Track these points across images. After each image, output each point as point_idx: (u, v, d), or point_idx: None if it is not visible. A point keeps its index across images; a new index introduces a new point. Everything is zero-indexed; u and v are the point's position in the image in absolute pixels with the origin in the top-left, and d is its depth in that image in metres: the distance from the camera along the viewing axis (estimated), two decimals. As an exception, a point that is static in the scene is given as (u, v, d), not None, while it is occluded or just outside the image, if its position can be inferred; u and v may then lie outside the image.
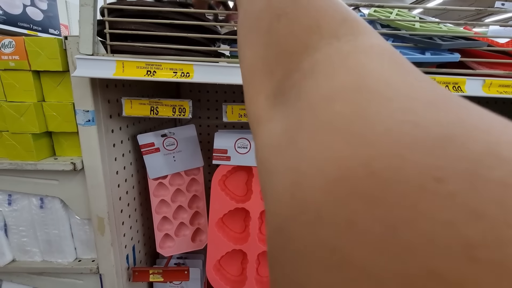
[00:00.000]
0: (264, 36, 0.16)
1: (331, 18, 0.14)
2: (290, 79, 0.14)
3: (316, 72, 0.13)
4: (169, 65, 0.44)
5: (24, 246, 0.59)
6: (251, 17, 0.18)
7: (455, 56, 0.43)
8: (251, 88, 0.17)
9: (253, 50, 0.17)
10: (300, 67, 0.14)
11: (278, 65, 0.15)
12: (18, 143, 0.51)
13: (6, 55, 0.47)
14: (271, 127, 0.14)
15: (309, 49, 0.14)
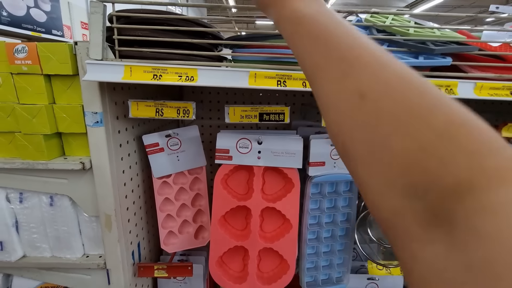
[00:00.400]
0: (400, 161, 0.17)
1: (490, 156, 0.15)
2: (445, 205, 0.15)
3: (492, 214, 0.14)
4: (174, 69, 0.46)
5: (34, 242, 0.61)
6: (367, 133, 0.18)
7: (447, 60, 0.45)
8: (388, 202, 0.18)
9: (385, 169, 0.18)
10: (461, 199, 0.15)
11: (426, 190, 0.16)
12: (30, 144, 0.53)
13: (19, 60, 0.50)
14: (437, 251, 0.15)
15: (474, 187, 0.14)
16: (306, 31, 0.25)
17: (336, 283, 0.73)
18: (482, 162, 0.15)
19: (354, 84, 0.19)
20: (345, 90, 0.20)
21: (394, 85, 0.18)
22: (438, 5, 6.83)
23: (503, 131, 0.58)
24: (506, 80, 0.47)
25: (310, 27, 0.25)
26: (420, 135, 0.16)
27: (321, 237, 0.71)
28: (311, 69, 0.24)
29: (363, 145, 0.19)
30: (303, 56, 0.25)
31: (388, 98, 0.18)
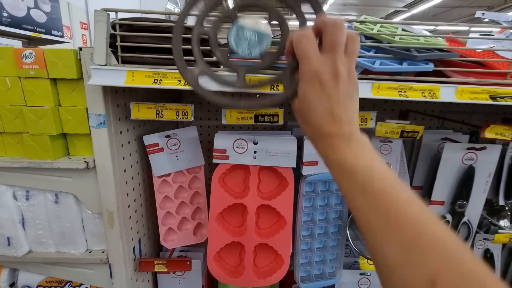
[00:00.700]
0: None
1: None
2: None
3: None
4: (174, 74, 0.49)
5: (39, 238, 0.64)
6: (391, 263, 0.19)
7: (429, 66, 0.48)
8: None
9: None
10: None
11: None
12: (37, 144, 0.56)
13: (27, 65, 0.52)
14: None
15: None
16: (361, 187, 0.26)
17: (329, 278, 0.76)
18: None
19: (423, 269, 0.19)
20: (410, 273, 0.20)
21: (469, 279, 0.18)
22: (436, 5, 6.87)
23: (486, 132, 0.61)
24: (485, 85, 0.50)
25: (365, 184, 0.26)
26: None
27: (315, 234, 0.74)
28: (366, 226, 0.25)
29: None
30: (355, 208, 0.26)
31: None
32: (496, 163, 0.71)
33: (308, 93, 0.30)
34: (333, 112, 0.30)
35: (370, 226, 0.25)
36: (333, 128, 0.30)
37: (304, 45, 0.30)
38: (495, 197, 0.79)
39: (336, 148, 0.29)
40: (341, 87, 0.30)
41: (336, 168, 0.29)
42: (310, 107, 0.31)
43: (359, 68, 0.50)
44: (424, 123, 1.01)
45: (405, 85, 0.49)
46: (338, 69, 0.29)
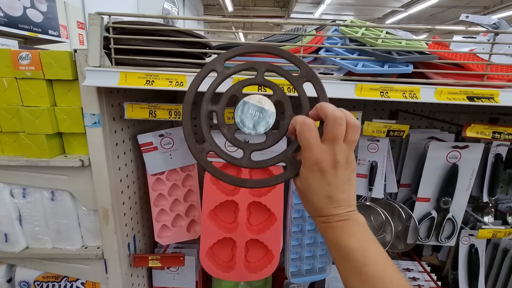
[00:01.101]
0: None
1: None
2: None
3: None
4: (165, 76, 0.51)
5: (36, 234, 0.66)
6: None
7: (408, 68, 0.50)
8: None
9: None
10: None
11: None
12: (33, 143, 0.58)
13: (23, 66, 0.54)
14: None
15: None
16: (355, 269, 0.29)
17: (319, 273, 0.79)
18: None
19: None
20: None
21: None
22: (433, 5, 6.91)
23: (467, 131, 0.64)
24: (462, 86, 0.52)
25: (359, 268, 0.29)
26: None
27: (305, 230, 0.76)
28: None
29: None
30: (348, 286, 0.29)
31: None
32: (478, 161, 0.73)
33: (309, 178, 0.33)
34: (332, 197, 0.33)
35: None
36: (332, 210, 0.33)
37: (306, 135, 0.32)
38: (480, 194, 0.82)
39: (334, 228, 0.32)
40: (340, 174, 0.32)
41: (333, 247, 0.32)
42: (310, 190, 0.33)
43: (342, 70, 0.52)
44: (413, 122, 1.03)
45: (386, 86, 0.51)
46: (338, 158, 0.32)
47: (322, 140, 0.32)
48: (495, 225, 0.80)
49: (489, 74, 0.53)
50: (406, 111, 0.98)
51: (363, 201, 0.77)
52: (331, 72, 0.55)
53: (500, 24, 0.68)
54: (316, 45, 0.54)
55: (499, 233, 0.77)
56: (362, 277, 0.29)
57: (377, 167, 0.74)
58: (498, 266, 0.90)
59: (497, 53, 0.54)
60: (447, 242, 0.81)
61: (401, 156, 0.85)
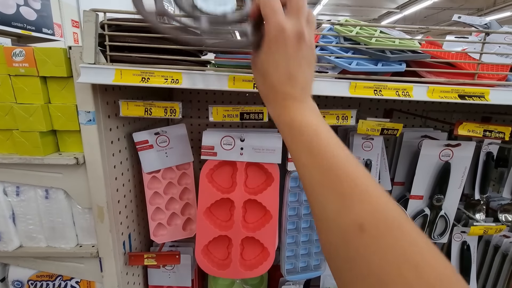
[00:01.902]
0: (347, 246, 0.21)
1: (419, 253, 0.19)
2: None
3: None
4: (161, 73, 0.51)
5: (30, 233, 0.66)
6: (362, 266, 0.21)
7: (401, 67, 0.51)
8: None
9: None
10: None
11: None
12: (27, 140, 0.57)
13: (17, 63, 0.54)
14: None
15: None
16: (307, 145, 0.29)
17: (314, 270, 0.79)
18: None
19: (354, 216, 0.22)
20: (345, 219, 0.23)
21: (392, 225, 0.21)
22: (427, 7, 6.99)
23: (459, 129, 0.65)
24: (454, 84, 0.53)
25: (311, 142, 0.29)
26: (414, 284, 0.19)
27: (300, 228, 0.76)
28: (309, 181, 0.27)
29: (356, 274, 0.21)
30: (300, 165, 0.29)
31: (386, 238, 0.21)
32: (470, 159, 0.75)
33: (271, 48, 0.32)
34: (291, 72, 0.32)
35: (312, 180, 0.27)
36: (289, 88, 0.32)
37: (271, 3, 0.31)
38: (472, 191, 0.83)
39: (288, 107, 0.32)
40: (304, 50, 0.32)
41: (286, 127, 0.32)
42: (270, 63, 0.32)
43: (337, 68, 0.53)
44: (407, 122, 1.05)
45: (380, 84, 0.52)
46: (303, 30, 0.31)
47: (286, 13, 0.32)
48: (487, 222, 0.82)
49: (480, 73, 0.54)
50: (400, 111, 0.99)
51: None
52: (326, 70, 0.55)
53: (491, 25, 0.69)
54: (311, 44, 0.55)
55: (490, 230, 0.79)
56: (312, 153, 0.28)
57: (372, 165, 0.75)
58: (489, 262, 0.92)
59: (488, 52, 0.55)
60: (439, 239, 0.82)
61: (395, 154, 0.86)
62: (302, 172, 0.29)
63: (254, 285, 0.88)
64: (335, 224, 0.24)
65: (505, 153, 0.88)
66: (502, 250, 0.88)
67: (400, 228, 0.22)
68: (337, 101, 1.00)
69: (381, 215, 0.22)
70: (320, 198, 0.26)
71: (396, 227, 0.22)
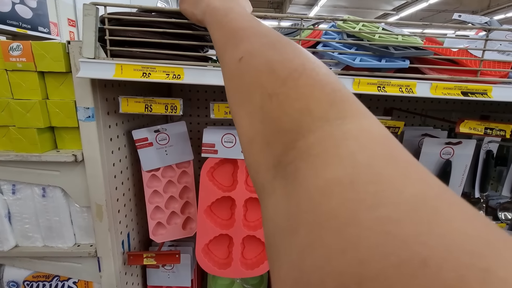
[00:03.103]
0: (258, 112, 0.18)
1: (319, 101, 0.16)
2: (288, 155, 0.15)
3: (312, 156, 0.14)
4: (162, 68, 0.50)
5: (26, 232, 0.64)
6: (240, 88, 0.21)
7: (405, 63, 0.51)
8: (252, 157, 0.18)
9: (249, 122, 0.19)
10: (296, 146, 0.15)
11: (276, 141, 0.16)
12: (24, 137, 0.56)
13: (14, 57, 0.52)
14: (275, 201, 0.15)
15: (303, 130, 0.15)
16: (219, 21, 0.31)
17: (315, 269, 0.79)
18: (312, 108, 0.16)
19: (237, 53, 0.23)
20: (231, 58, 0.24)
21: (261, 50, 0.21)
22: (423, 9, 7.07)
23: (460, 126, 0.65)
24: (457, 81, 0.53)
25: (222, 18, 0.31)
26: (268, 84, 0.18)
27: (301, 226, 0.76)
28: (218, 49, 0.29)
29: (235, 97, 0.22)
30: (214, 42, 0.30)
31: (254, 59, 0.21)
32: (471, 156, 0.75)
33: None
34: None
35: (218, 45, 0.28)
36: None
37: None
38: (471, 190, 0.84)
39: (209, 2, 0.35)
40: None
41: (207, 16, 0.34)
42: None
43: (340, 65, 0.52)
44: (407, 120, 1.05)
45: (383, 81, 0.52)
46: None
47: None
48: (487, 221, 0.82)
49: (482, 70, 0.54)
50: (400, 109, 0.99)
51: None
52: (329, 66, 0.55)
53: (491, 24, 0.70)
54: (315, 39, 0.55)
55: (490, 228, 0.79)
56: (223, 27, 0.29)
57: (373, 163, 0.75)
58: (489, 260, 0.92)
59: (490, 49, 0.55)
60: (440, 238, 0.82)
61: (396, 153, 0.86)
62: (214, 40, 0.30)
63: (254, 285, 0.88)
64: (225, 63, 0.25)
65: (504, 151, 0.89)
66: (502, 248, 0.89)
67: (281, 47, 0.21)
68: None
69: (258, 47, 0.22)
70: (220, 52, 0.27)
71: (269, 47, 0.22)
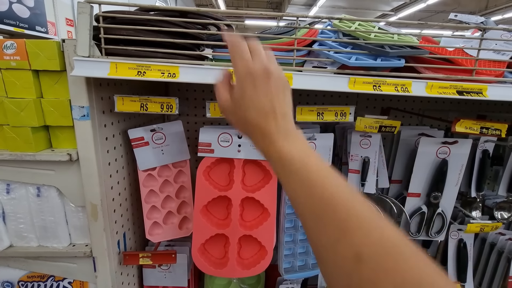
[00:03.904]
0: (347, 277, 0.20)
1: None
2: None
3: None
4: (157, 67, 0.50)
5: (21, 232, 0.64)
6: (325, 243, 0.21)
7: (400, 62, 0.51)
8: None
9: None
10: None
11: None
12: (18, 136, 0.56)
13: (8, 56, 0.52)
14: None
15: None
16: (298, 177, 0.29)
17: (312, 269, 0.79)
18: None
19: (350, 247, 0.22)
20: (341, 250, 0.22)
21: (390, 253, 0.21)
22: (422, 9, 7.09)
23: (456, 126, 0.65)
24: (452, 81, 0.53)
25: (301, 175, 0.29)
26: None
27: (298, 226, 0.76)
28: (302, 211, 0.28)
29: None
30: (296, 197, 0.29)
31: (385, 268, 0.20)
32: (467, 156, 0.75)
33: (243, 89, 0.34)
34: (268, 105, 0.33)
35: (307, 211, 0.27)
36: (269, 121, 0.33)
37: (238, 50, 0.35)
38: (468, 189, 0.84)
39: (274, 142, 0.32)
40: (273, 82, 0.34)
41: (276, 161, 0.32)
42: (246, 102, 0.34)
43: (336, 64, 0.52)
44: (404, 120, 1.05)
45: (379, 80, 0.52)
46: (267, 66, 0.34)
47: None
48: (483, 220, 0.82)
49: (477, 69, 0.54)
50: (397, 109, 0.99)
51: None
52: (325, 65, 0.55)
53: (487, 23, 0.70)
54: (310, 38, 0.54)
55: (486, 227, 0.79)
56: (305, 185, 0.28)
57: (369, 163, 0.75)
58: (486, 259, 0.92)
59: (485, 48, 0.55)
60: (436, 237, 0.82)
61: (393, 152, 0.86)
62: (297, 204, 0.29)
63: (251, 285, 0.87)
64: (332, 255, 0.24)
65: (500, 151, 0.89)
66: (498, 248, 0.89)
67: (400, 255, 0.21)
68: (334, 99, 0.99)
69: (378, 244, 0.22)
70: (315, 229, 0.26)
71: (395, 255, 0.21)
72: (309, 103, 0.99)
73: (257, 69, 0.33)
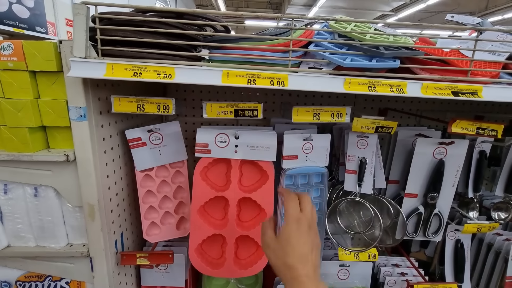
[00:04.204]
0: None
1: None
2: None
3: None
4: (153, 68, 0.50)
5: (18, 232, 0.64)
6: None
7: (395, 63, 0.51)
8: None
9: None
10: None
11: None
12: (15, 136, 0.56)
13: (5, 57, 0.52)
14: None
15: None
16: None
17: (309, 269, 0.79)
18: None
19: None
20: None
21: None
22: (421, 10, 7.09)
23: (452, 126, 0.65)
24: (448, 81, 0.53)
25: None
26: None
27: (295, 226, 0.76)
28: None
29: None
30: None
31: None
32: (464, 156, 0.75)
33: (290, 233, 0.43)
34: (306, 253, 0.42)
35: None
36: (304, 266, 0.41)
37: (290, 201, 0.46)
38: (465, 190, 0.84)
39: (303, 284, 0.40)
40: (312, 235, 0.44)
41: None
42: (289, 245, 0.42)
43: (331, 65, 0.53)
44: (401, 121, 1.05)
45: (374, 81, 0.52)
46: (311, 222, 0.45)
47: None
48: (480, 221, 0.82)
49: (473, 70, 0.54)
50: (394, 110, 1.00)
51: (352, 197, 0.78)
52: (320, 66, 0.55)
53: (484, 24, 0.70)
54: (306, 39, 0.55)
55: (483, 227, 0.79)
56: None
57: (366, 163, 0.75)
58: (483, 260, 0.92)
59: (481, 49, 0.55)
60: (434, 237, 0.82)
61: (390, 153, 0.86)
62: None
63: (249, 285, 0.87)
64: None
65: (497, 152, 0.89)
66: (495, 248, 0.89)
67: None
68: (332, 100, 1.00)
69: None
70: None
71: None
72: (307, 103, 1.00)
73: (303, 220, 0.43)
